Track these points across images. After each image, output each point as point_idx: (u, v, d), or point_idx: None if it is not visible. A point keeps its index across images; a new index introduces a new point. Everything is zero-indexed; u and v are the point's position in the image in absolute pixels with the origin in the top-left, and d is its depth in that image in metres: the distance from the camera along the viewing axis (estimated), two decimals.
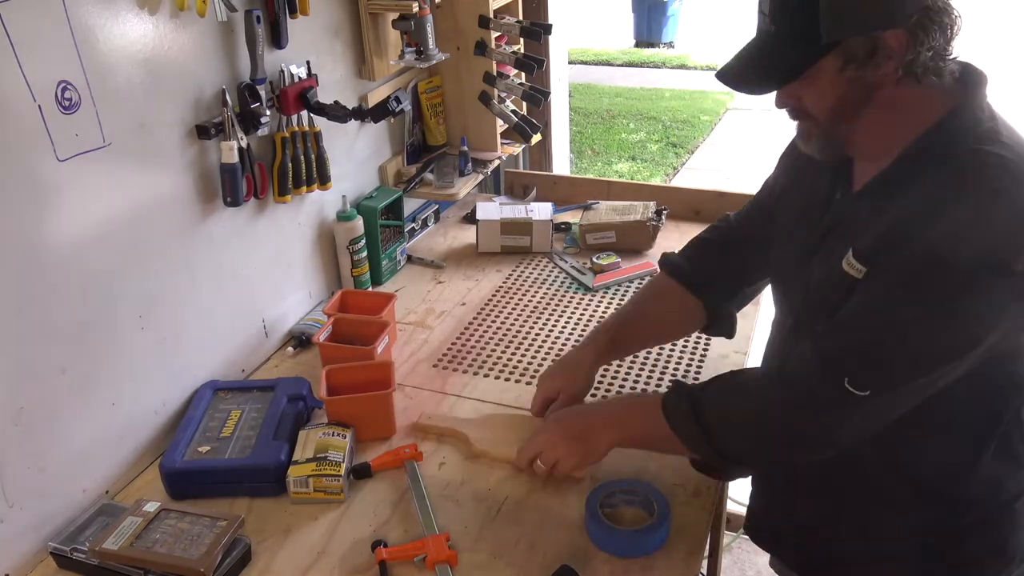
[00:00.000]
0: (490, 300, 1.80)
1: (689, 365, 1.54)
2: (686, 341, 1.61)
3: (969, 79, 1.00)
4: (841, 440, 1.01)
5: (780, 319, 1.23)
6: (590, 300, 1.78)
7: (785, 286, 1.21)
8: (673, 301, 1.36)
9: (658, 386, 1.49)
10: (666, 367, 1.54)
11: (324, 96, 1.57)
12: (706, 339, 1.61)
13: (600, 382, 1.49)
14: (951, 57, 0.97)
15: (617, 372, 1.52)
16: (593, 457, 1.18)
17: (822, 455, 1.03)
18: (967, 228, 0.91)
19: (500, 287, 1.85)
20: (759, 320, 1.68)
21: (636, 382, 1.50)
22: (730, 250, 1.34)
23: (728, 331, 1.40)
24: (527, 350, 1.61)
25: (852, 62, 0.95)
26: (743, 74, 1.02)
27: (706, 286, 1.34)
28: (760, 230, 1.28)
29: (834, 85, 0.97)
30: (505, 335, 1.66)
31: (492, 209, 2.01)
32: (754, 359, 1.58)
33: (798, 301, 1.14)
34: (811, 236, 1.11)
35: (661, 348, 1.59)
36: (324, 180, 1.62)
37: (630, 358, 1.55)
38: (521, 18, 2.04)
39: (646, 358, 1.56)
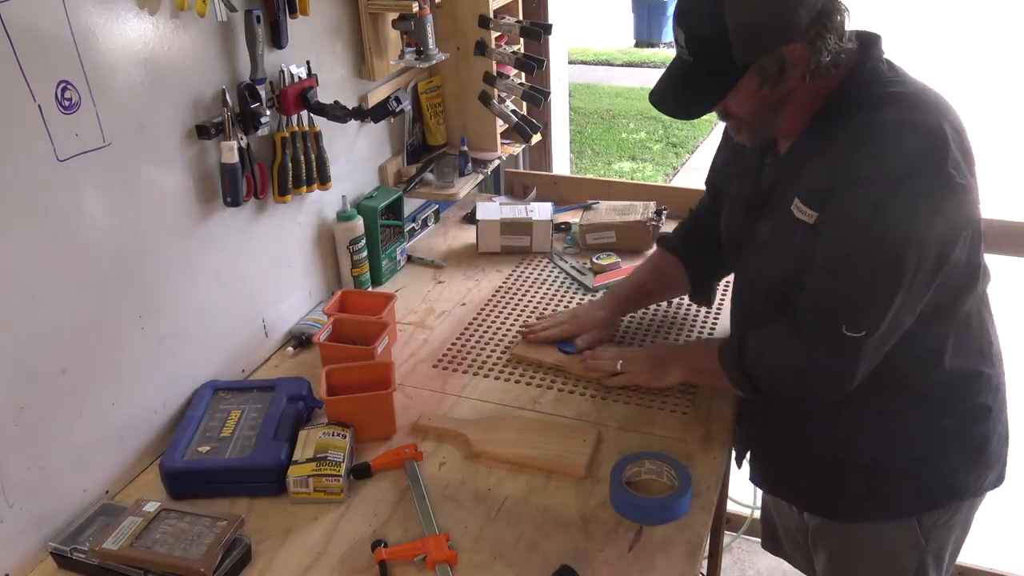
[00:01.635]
0: (490, 300, 1.80)
1: None
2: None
3: (865, 42, 1.14)
4: (852, 379, 1.16)
5: (737, 276, 1.43)
6: (590, 300, 1.77)
7: (737, 246, 1.37)
8: (668, 269, 1.58)
9: None
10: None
11: (324, 96, 1.57)
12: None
13: None
14: (846, 45, 1.11)
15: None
16: (660, 383, 1.42)
17: (837, 395, 1.19)
18: (888, 160, 1.06)
19: (500, 287, 1.85)
20: None
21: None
22: (705, 232, 1.52)
23: (708, 300, 1.64)
24: None
25: (767, 80, 1.11)
26: (672, 102, 1.17)
27: (690, 259, 1.56)
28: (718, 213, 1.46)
29: (754, 97, 1.13)
30: (505, 335, 1.66)
31: (492, 209, 2.01)
32: None
33: (751, 257, 1.31)
34: (752, 200, 1.29)
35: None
36: (324, 180, 1.62)
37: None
38: (521, 18, 2.04)
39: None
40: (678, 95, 1.16)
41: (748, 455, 1.49)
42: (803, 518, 1.50)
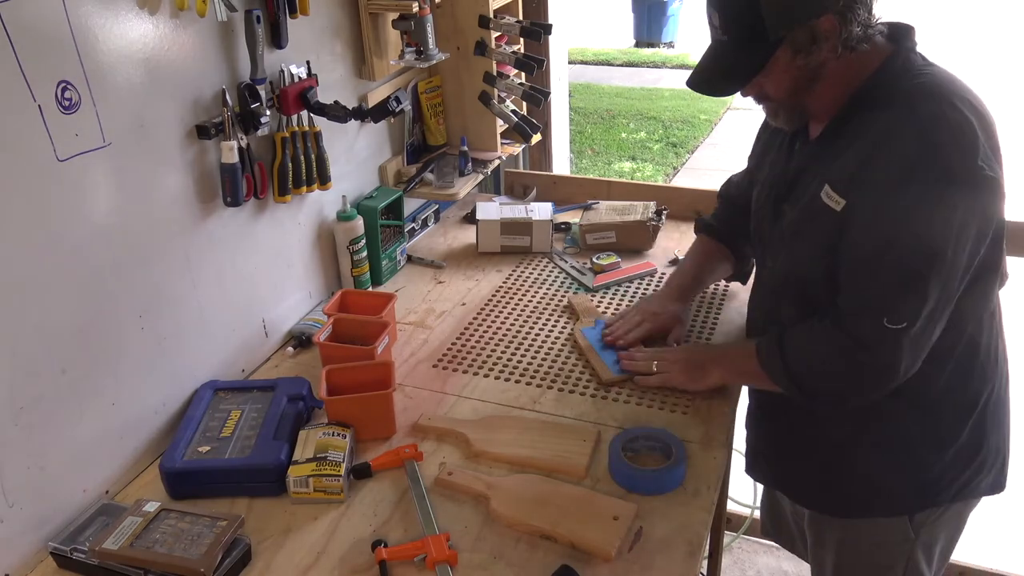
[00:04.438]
0: (490, 300, 1.80)
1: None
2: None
3: (897, 34, 1.17)
4: (897, 373, 1.15)
5: (757, 274, 1.45)
6: (590, 300, 1.77)
7: (763, 232, 1.37)
8: (715, 254, 1.62)
9: None
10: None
11: (324, 96, 1.57)
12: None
13: None
14: (876, 23, 1.14)
15: None
16: (698, 386, 1.40)
17: (887, 388, 1.18)
18: (921, 153, 1.07)
19: (500, 287, 1.85)
20: None
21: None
22: (739, 212, 1.53)
23: (744, 278, 1.66)
24: (527, 350, 1.61)
25: (800, 51, 1.13)
26: (711, 80, 1.19)
27: (733, 242, 1.60)
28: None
29: (788, 72, 1.15)
30: (505, 335, 1.66)
31: (492, 209, 2.01)
32: None
33: (776, 241, 1.31)
34: (780, 185, 1.30)
35: None
36: (324, 180, 1.62)
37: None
38: (521, 18, 2.04)
39: None
40: (715, 73, 1.18)
41: (750, 456, 1.50)
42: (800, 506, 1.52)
